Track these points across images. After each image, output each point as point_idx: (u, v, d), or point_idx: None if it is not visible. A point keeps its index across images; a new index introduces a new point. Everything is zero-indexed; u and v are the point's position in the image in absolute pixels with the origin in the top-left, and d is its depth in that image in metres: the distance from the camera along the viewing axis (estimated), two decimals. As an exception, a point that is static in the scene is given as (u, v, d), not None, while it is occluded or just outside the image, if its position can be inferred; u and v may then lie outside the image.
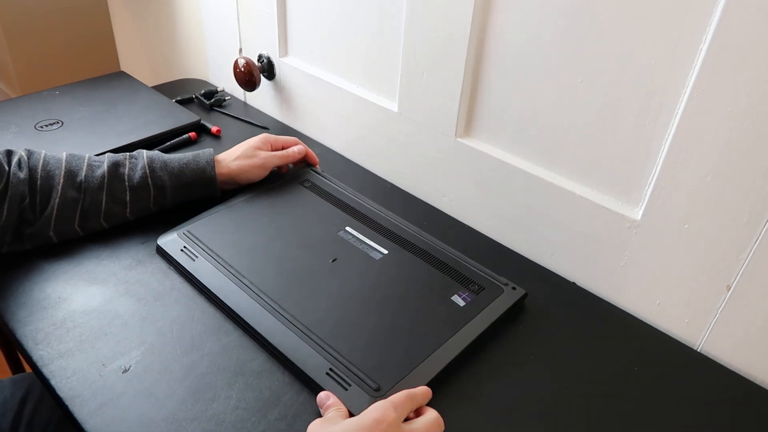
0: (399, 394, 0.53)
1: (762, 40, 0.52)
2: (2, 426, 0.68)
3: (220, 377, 0.58)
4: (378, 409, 0.50)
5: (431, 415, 0.53)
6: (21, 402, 0.72)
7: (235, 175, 0.79)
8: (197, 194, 0.78)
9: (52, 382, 0.57)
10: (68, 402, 0.55)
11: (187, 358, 0.60)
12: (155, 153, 0.76)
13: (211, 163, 0.76)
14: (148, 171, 0.73)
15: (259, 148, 0.82)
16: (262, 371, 0.59)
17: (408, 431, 0.50)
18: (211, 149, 0.79)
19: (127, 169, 0.72)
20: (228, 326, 0.64)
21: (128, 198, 0.72)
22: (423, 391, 0.55)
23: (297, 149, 0.85)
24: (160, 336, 0.62)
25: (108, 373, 0.58)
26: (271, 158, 0.82)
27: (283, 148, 0.85)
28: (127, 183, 0.72)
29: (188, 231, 0.73)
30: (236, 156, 0.80)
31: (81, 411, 0.54)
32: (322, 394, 0.55)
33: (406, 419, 0.52)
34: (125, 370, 0.58)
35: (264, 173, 0.82)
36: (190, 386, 0.57)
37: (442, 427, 0.53)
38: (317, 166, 0.88)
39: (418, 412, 0.54)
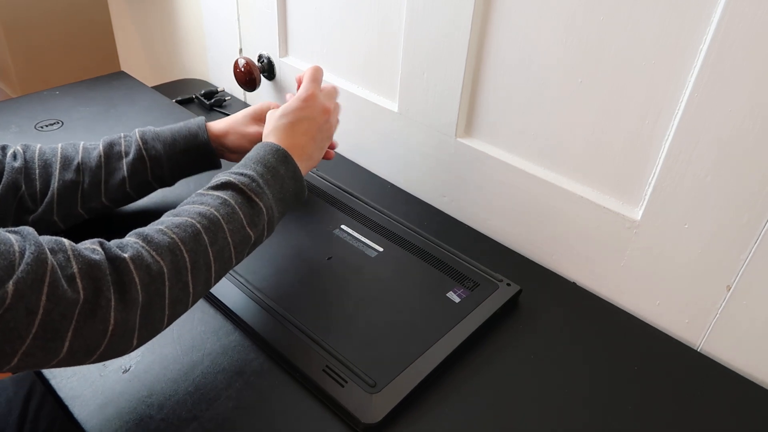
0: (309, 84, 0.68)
1: (762, 39, 0.52)
2: (9, 423, 0.68)
3: (221, 377, 0.58)
4: (303, 89, 0.67)
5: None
6: (25, 399, 0.72)
7: (229, 134, 0.75)
8: (195, 164, 0.75)
9: (53, 382, 0.57)
10: (68, 402, 0.55)
11: (188, 359, 0.60)
12: (147, 127, 0.74)
13: (203, 126, 0.74)
14: (140, 143, 0.72)
15: (256, 119, 0.76)
16: (263, 371, 0.59)
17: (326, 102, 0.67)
18: (203, 117, 0.76)
19: (122, 146, 0.72)
20: (228, 326, 0.64)
21: (126, 173, 0.71)
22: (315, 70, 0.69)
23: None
24: (160, 336, 0.62)
25: (108, 373, 0.58)
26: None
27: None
28: (123, 159, 0.71)
29: None
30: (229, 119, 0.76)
31: (81, 411, 0.55)
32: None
33: None
34: (125, 371, 0.58)
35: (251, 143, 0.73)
36: (190, 386, 0.57)
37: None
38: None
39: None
